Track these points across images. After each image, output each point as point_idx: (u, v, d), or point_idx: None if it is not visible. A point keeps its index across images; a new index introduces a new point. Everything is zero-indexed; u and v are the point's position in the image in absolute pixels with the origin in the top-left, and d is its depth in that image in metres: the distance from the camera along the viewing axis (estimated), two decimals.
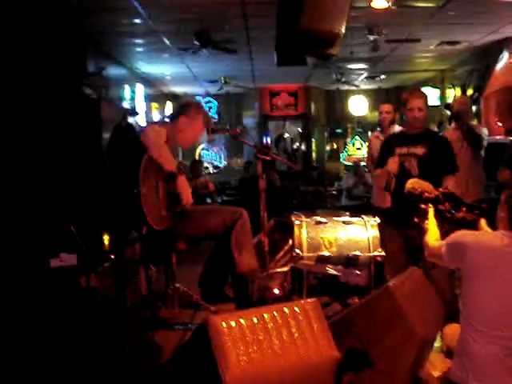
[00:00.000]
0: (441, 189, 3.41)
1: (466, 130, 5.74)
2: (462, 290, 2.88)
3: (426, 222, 3.32)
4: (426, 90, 12.42)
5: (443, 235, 3.29)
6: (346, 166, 14.97)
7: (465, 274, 2.87)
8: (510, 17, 7.66)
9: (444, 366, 3.16)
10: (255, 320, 2.37)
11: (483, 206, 3.31)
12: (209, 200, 10.11)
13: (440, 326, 3.28)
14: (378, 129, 6.89)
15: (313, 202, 9.74)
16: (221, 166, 15.50)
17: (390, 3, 5.50)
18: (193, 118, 4.40)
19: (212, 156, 15.63)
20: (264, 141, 14.92)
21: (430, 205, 3.34)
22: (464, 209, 3.25)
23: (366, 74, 12.97)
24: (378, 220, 4.36)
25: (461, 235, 2.95)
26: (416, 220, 3.48)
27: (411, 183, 3.53)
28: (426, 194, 3.37)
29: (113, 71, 9.61)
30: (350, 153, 15.14)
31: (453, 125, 6.17)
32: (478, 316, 2.77)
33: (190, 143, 4.67)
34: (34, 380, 2.56)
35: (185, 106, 4.49)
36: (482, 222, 3.25)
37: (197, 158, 14.89)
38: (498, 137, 7.86)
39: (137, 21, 7.69)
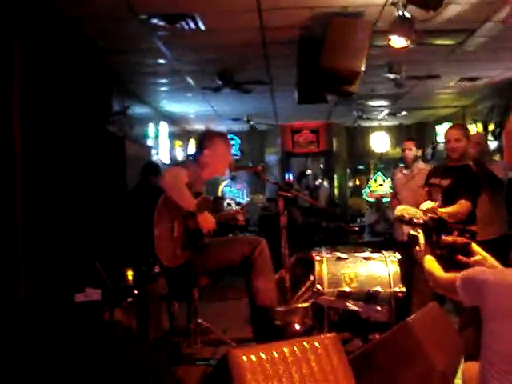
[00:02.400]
0: (429, 214, 3.35)
1: (486, 176, 5.58)
2: (484, 330, 2.69)
3: (417, 248, 3.23)
4: (447, 125, 12.49)
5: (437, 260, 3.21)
6: (368, 202, 14.96)
7: (486, 314, 2.69)
8: None
9: None
10: (275, 354, 2.40)
11: (473, 229, 3.24)
12: (231, 235, 10.17)
13: (459, 363, 3.24)
14: (402, 164, 6.94)
15: (335, 238, 9.74)
16: (243, 202, 15.60)
17: (408, 42, 5.58)
18: (214, 146, 4.51)
19: (235, 193, 15.74)
20: (286, 178, 15.00)
21: (419, 230, 3.25)
22: (455, 233, 3.18)
23: (387, 111, 13.05)
24: (398, 256, 4.38)
25: (480, 272, 2.79)
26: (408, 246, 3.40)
27: (399, 210, 3.50)
28: (415, 220, 3.31)
29: (137, 110, 9.82)
30: (372, 189, 15.14)
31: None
32: (502, 358, 2.61)
33: (224, 168, 4.79)
34: None
35: (202, 141, 4.60)
36: (474, 246, 3.13)
37: (219, 194, 15.02)
38: None
39: (161, 61, 7.88)
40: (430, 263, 3.11)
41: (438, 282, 2.99)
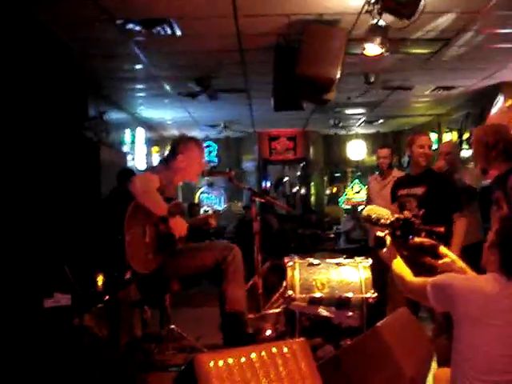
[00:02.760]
0: (396, 214, 3.29)
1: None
2: (455, 336, 2.72)
3: (384, 249, 3.15)
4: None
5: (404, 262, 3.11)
6: (345, 209, 15.01)
7: (457, 320, 2.71)
8: (503, 62, 7.84)
9: None
10: (243, 359, 2.38)
11: (441, 231, 3.20)
12: (207, 241, 10.14)
13: (429, 369, 3.25)
14: (377, 172, 6.96)
15: (311, 245, 9.76)
16: (220, 209, 15.58)
17: (383, 50, 5.62)
18: (188, 152, 4.48)
19: (212, 199, 15.72)
20: (263, 185, 15.02)
21: (387, 231, 3.17)
22: (423, 234, 3.14)
23: (363, 119, 13.14)
24: (370, 261, 4.39)
25: (450, 279, 2.79)
26: (374, 247, 3.29)
27: (367, 210, 3.43)
28: (382, 221, 3.21)
29: (114, 115, 9.77)
30: (348, 196, 15.20)
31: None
32: (473, 363, 2.63)
33: (197, 174, 4.72)
34: None
35: (176, 146, 4.57)
36: (442, 248, 3.13)
37: (196, 201, 14.99)
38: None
39: (137, 66, 7.85)
40: (399, 266, 3.08)
41: (408, 286, 2.96)
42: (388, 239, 3.15)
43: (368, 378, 2.79)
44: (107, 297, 4.21)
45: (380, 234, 3.18)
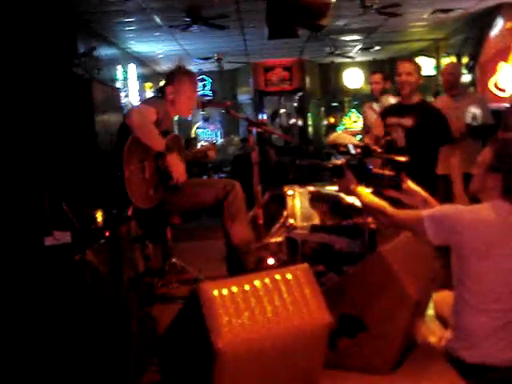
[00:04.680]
0: (355, 141, 3.13)
1: None
2: (458, 270, 2.71)
3: (342, 179, 3.01)
4: (421, 59, 12.37)
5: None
6: None
7: (460, 252, 2.66)
8: None
9: (440, 334, 3.11)
10: (247, 287, 2.37)
11: (402, 160, 3.06)
12: (205, 177, 10.14)
13: (433, 290, 3.26)
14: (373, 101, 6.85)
15: (309, 176, 9.72)
16: (217, 144, 15.51)
17: None
18: (179, 84, 4.32)
19: (208, 134, 15.61)
20: (260, 117, 14.87)
21: (344, 160, 3.01)
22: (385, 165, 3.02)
23: (360, 46, 12.90)
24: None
25: (451, 211, 2.71)
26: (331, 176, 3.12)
27: (332, 137, 3.28)
28: (341, 148, 3.05)
29: (104, 51, 9.56)
30: (346, 126, 15.08)
31: (444, 95, 6.03)
32: (478, 295, 2.64)
33: (189, 109, 4.51)
34: (26, 352, 2.59)
35: (167, 76, 4.43)
36: (410, 184, 3.02)
37: (192, 135, 14.89)
38: (494, 104, 7.82)
39: None
40: (371, 198, 2.94)
41: (394, 219, 2.82)
42: (345, 168, 2.97)
43: (372, 301, 2.79)
44: (108, 233, 4.18)
45: (337, 161, 3.00)
